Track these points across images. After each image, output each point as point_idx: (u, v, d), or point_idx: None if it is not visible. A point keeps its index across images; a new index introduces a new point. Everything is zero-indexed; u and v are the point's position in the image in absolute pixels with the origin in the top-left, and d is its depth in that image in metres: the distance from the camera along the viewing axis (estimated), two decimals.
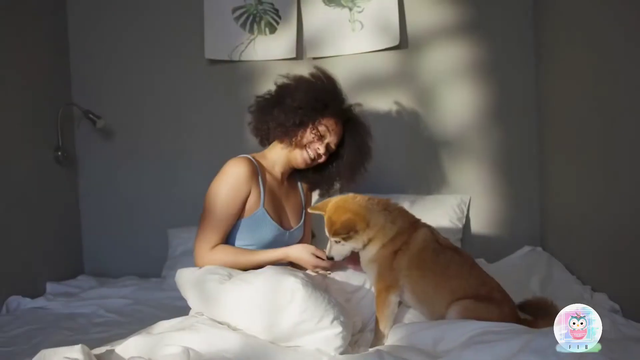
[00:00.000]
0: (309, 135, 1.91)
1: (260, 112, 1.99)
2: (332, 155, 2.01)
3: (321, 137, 1.93)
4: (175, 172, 2.88)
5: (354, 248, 1.68)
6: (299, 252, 1.80)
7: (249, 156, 1.93)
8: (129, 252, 2.93)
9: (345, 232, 1.63)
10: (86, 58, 2.94)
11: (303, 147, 1.93)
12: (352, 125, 2.02)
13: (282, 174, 2.02)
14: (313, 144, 1.93)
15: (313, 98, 1.89)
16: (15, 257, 2.45)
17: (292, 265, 1.88)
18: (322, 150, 1.94)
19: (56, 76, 2.86)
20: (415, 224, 1.73)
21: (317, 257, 1.78)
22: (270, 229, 1.89)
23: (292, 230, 1.97)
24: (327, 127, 1.93)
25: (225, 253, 1.82)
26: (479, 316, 1.51)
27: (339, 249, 1.69)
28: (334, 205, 1.70)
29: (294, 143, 1.91)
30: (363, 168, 2.06)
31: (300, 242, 2.08)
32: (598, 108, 1.91)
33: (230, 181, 1.84)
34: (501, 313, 1.55)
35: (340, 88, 2.03)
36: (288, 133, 1.91)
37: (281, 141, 1.94)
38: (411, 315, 1.71)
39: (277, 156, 1.99)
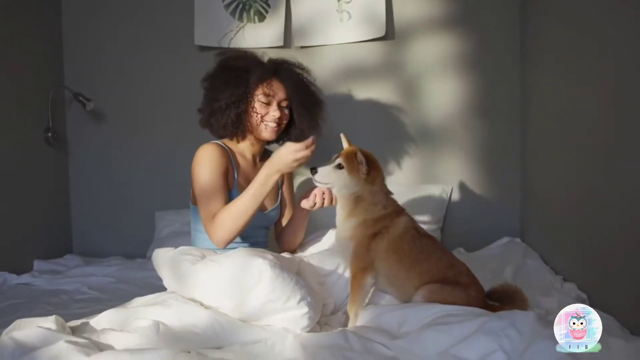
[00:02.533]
0: (254, 116, 1.96)
1: (204, 124, 2.05)
2: (290, 111, 2.04)
3: (267, 105, 1.96)
4: (164, 156, 2.92)
5: (343, 185, 1.69)
6: (279, 154, 1.76)
7: (218, 141, 1.99)
8: (117, 233, 2.97)
9: (361, 156, 1.65)
10: (79, 42, 2.97)
11: (259, 124, 1.97)
12: (285, 72, 2.04)
13: (254, 156, 2.07)
14: (266, 116, 1.97)
15: (231, 90, 1.93)
16: (4, 236, 2.50)
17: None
18: (277, 113, 1.97)
19: (49, 59, 2.90)
20: (399, 212, 1.76)
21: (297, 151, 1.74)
22: None
23: (267, 211, 2.01)
24: (263, 93, 1.96)
25: (223, 211, 1.82)
26: (445, 299, 1.55)
27: (330, 171, 1.69)
28: (367, 151, 1.72)
29: (248, 130, 1.96)
30: (317, 108, 2.10)
31: (279, 219, 2.13)
32: (581, 104, 1.94)
33: (207, 160, 1.89)
34: (467, 297, 1.59)
35: (250, 52, 2.06)
36: (237, 129, 1.97)
37: (237, 136, 2.00)
38: (389, 299, 1.75)
39: (244, 143, 2.05)
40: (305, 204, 1.84)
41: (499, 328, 1.30)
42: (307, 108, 2.02)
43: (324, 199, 1.81)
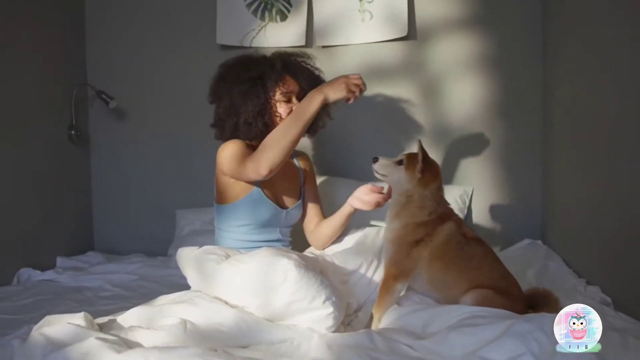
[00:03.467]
0: (278, 120, 1.92)
1: (231, 137, 1.96)
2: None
3: (287, 103, 1.94)
4: (185, 155, 2.93)
5: (397, 180, 1.73)
6: (333, 81, 1.77)
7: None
8: (138, 231, 2.98)
9: (421, 156, 1.68)
10: (101, 40, 2.99)
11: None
12: (291, 65, 2.01)
13: None
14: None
15: (253, 101, 1.89)
16: (28, 232, 2.52)
17: None
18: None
19: (72, 57, 2.92)
20: (443, 217, 1.73)
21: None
22: (267, 208, 1.91)
23: (289, 209, 2.01)
24: (281, 93, 1.93)
25: (265, 139, 1.78)
26: (494, 307, 1.51)
27: (390, 164, 1.74)
28: (432, 159, 1.76)
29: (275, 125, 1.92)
30: None
31: (302, 217, 2.10)
32: (603, 105, 1.92)
33: (232, 146, 1.87)
34: (516, 312, 1.53)
35: (254, 56, 2.02)
36: (265, 132, 1.90)
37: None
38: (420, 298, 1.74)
39: None
40: (364, 205, 1.87)
41: (526, 331, 1.29)
42: None
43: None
